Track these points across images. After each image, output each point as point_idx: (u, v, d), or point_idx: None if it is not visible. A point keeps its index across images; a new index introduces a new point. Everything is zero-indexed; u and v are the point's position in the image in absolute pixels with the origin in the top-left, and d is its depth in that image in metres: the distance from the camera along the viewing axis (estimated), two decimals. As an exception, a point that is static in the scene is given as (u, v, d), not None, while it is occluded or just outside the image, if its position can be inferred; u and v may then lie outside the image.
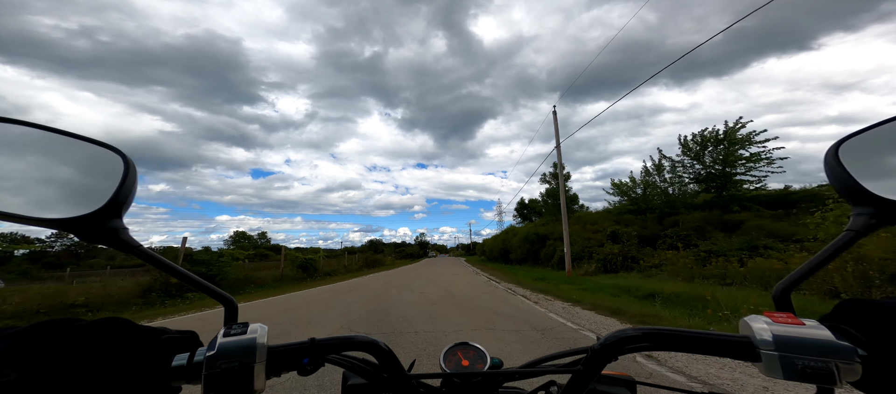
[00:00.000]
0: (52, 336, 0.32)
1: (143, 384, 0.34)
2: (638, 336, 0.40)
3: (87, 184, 0.41)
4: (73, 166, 0.41)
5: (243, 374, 0.35)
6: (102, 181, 0.40)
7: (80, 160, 0.42)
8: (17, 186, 0.38)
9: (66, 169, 0.41)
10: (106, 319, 0.36)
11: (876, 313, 0.35)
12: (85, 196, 0.39)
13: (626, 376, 0.57)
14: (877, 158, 0.42)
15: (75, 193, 0.40)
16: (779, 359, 0.35)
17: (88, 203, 0.38)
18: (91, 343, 0.33)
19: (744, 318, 0.39)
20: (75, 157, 0.42)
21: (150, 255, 0.43)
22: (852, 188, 0.41)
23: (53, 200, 0.38)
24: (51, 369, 0.29)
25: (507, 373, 0.50)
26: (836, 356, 0.33)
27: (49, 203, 0.38)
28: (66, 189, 0.40)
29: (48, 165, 0.40)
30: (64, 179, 0.41)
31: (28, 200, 0.37)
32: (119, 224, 0.40)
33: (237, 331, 0.39)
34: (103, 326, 0.35)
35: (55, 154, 0.41)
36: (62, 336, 0.32)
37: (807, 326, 0.36)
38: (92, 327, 0.34)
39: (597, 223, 22.28)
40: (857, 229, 0.40)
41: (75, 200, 0.39)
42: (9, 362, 0.28)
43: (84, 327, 0.34)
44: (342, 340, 0.42)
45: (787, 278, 0.41)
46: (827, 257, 0.40)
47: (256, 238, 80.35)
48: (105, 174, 0.41)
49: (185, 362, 0.37)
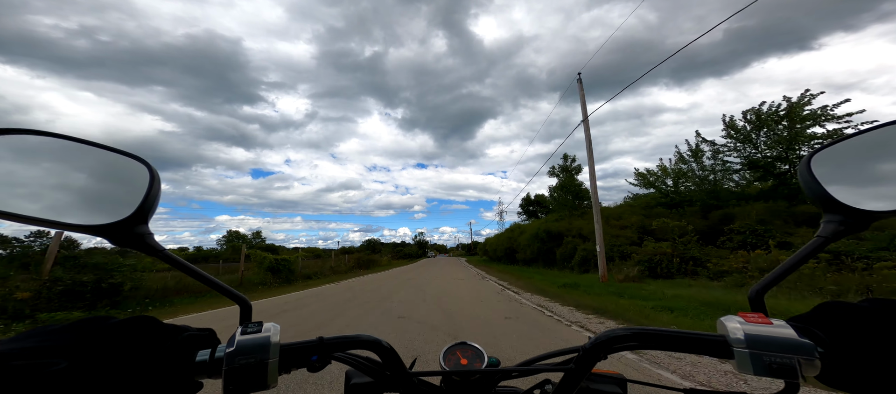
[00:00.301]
0: (92, 331, 0.35)
1: (171, 377, 0.37)
2: (627, 336, 0.42)
3: (117, 192, 0.45)
4: (104, 176, 0.45)
5: (259, 369, 0.38)
6: (130, 190, 0.44)
7: (109, 170, 0.45)
8: (54, 194, 0.41)
9: (96, 178, 0.44)
10: (136, 317, 0.39)
11: (840, 314, 0.38)
12: (115, 204, 0.42)
13: (617, 374, 0.57)
14: (846, 169, 0.46)
15: (107, 201, 0.43)
16: (749, 356, 0.37)
17: (119, 211, 0.41)
18: (125, 338, 0.36)
19: (720, 318, 0.42)
20: (104, 166, 0.45)
21: (174, 258, 0.45)
22: (822, 197, 0.44)
23: (86, 207, 0.42)
24: (93, 360, 0.33)
25: (503, 371, 0.52)
26: (798, 353, 0.36)
27: (82, 210, 0.41)
28: (99, 198, 0.44)
29: (81, 174, 0.43)
30: (97, 188, 0.44)
31: (64, 206, 0.40)
32: (146, 230, 0.44)
33: (253, 330, 0.41)
34: (134, 323, 0.38)
35: (88, 164, 0.44)
36: (101, 331, 0.35)
37: (774, 325, 0.39)
38: (124, 324, 0.38)
39: (622, 218, 18.83)
40: (827, 236, 0.43)
41: (108, 207, 0.42)
42: (58, 352, 0.31)
43: (118, 323, 0.37)
44: (348, 338, 0.45)
45: (762, 281, 0.44)
46: (798, 262, 0.43)
47: (251, 237, 77.15)
48: (132, 183, 0.45)
49: (207, 357, 0.40)
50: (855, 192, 0.43)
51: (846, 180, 0.45)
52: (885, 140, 0.44)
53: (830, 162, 0.46)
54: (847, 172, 0.46)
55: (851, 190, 0.44)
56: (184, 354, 0.39)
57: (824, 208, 0.44)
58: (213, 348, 0.41)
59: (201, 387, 0.41)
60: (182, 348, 0.39)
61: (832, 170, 0.46)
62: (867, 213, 0.41)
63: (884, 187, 0.43)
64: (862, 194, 0.43)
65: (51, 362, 0.30)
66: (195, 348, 0.40)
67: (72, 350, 0.32)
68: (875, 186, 0.44)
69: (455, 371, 0.52)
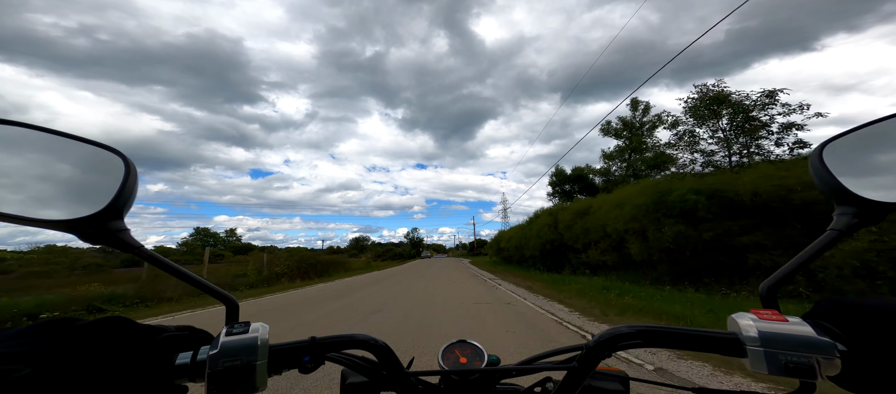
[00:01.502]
0: (58, 335, 0.33)
1: (148, 382, 0.35)
2: (631, 333, 0.40)
3: (88, 185, 0.41)
4: (74, 168, 0.41)
5: (246, 372, 0.36)
6: (103, 183, 0.40)
7: (80, 162, 0.42)
8: (18, 187, 0.38)
9: (67, 171, 0.41)
10: (106, 318, 0.37)
11: (854, 311, 0.37)
12: (86, 198, 0.39)
13: (620, 372, 0.55)
14: (859, 159, 0.43)
15: (76, 194, 0.40)
16: (764, 354, 0.35)
17: (90, 205, 0.38)
18: (94, 341, 0.34)
19: (731, 315, 0.40)
20: (76, 158, 0.41)
21: (151, 255, 0.43)
22: (835, 188, 0.42)
23: (55, 201, 0.38)
24: (59, 365, 0.30)
25: (504, 370, 0.50)
26: (817, 351, 0.34)
27: (50, 205, 0.38)
28: (68, 191, 0.40)
29: (49, 167, 0.40)
30: (65, 180, 0.41)
31: (29, 201, 0.37)
32: (120, 225, 0.40)
33: (239, 330, 0.39)
34: (104, 325, 0.36)
35: (56, 156, 0.40)
36: (67, 334, 0.33)
37: (790, 322, 0.37)
38: (93, 325, 0.35)
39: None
40: (841, 229, 0.41)
41: (77, 201, 0.39)
42: (21, 359, 0.29)
43: (86, 325, 0.35)
44: (342, 338, 0.43)
45: (773, 277, 0.42)
46: (811, 256, 0.41)
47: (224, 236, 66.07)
48: (106, 176, 0.41)
49: (188, 360, 0.37)
50: (869, 182, 0.41)
51: (860, 171, 0.43)
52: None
53: (843, 152, 0.44)
54: (861, 161, 0.44)
55: (865, 181, 0.42)
56: (162, 356, 0.37)
57: (837, 200, 0.42)
58: (196, 349, 0.38)
59: (185, 391, 0.38)
60: (159, 350, 0.37)
61: (845, 160, 0.43)
62: (883, 205, 0.39)
63: None
64: (877, 185, 0.41)
65: (12, 368, 0.28)
66: (175, 349, 0.38)
67: (36, 356, 0.30)
68: (891, 177, 0.42)
69: (454, 370, 0.50)
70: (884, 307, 0.35)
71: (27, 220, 0.36)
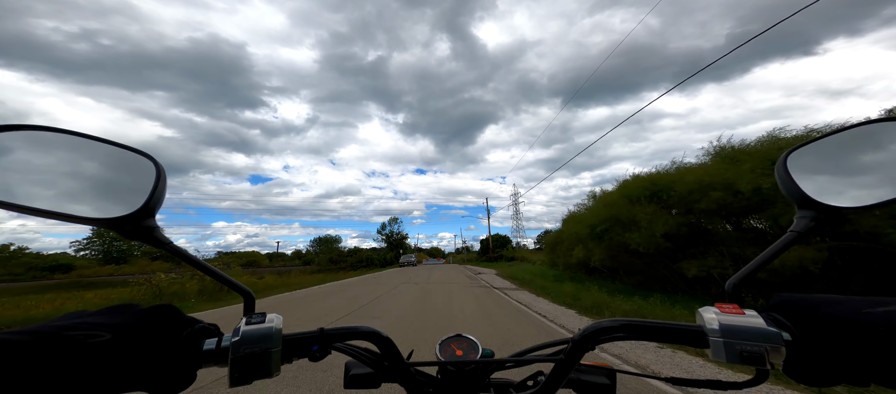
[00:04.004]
0: (127, 315, 0.39)
1: (182, 361, 0.40)
2: (614, 327, 0.44)
3: (125, 187, 0.45)
4: (113, 171, 0.46)
5: (264, 358, 0.40)
6: (138, 185, 0.45)
7: (119, 166, 0.46)
8: (66, 188, 0.42)
9: (107, 174, 0.45)
10: (160, 305, 0.42)
11: (801, 305, 0.40)
12: (124, 198, 0.43)
13: (607, 366, 0.58)
14: (820, 167, 0.47)
15: (115, 195, 0.44)
16: (723, 344, 0.39)
17: (127, 205, 0.43)
18: (151, 322, 0.39)
19: (699, 309, 0.43)
20: (114, 163, 0.46)
21: (180, 251, 0.47)
22: (796, 194, 0.45)
23: (98, 202, 0.43)
24: (129, 336, 0.36)
25: (497, 362, 0.53)
26: (766, 341, 0.38)
27: (94, 205, 0.42)
28: (108, 192, 0.45)
29: (93, 171, 0.44)
30: (106, 183, 0.45)
31: (76, 201, 0.41)
32: (153, 223, 0.45)
33: (257, 320, 0.43)
34: (158, 310, 0.41)
35: (97, 160, 0.45)
36: (133, 314, 0.39)
37: (746, 315, 0.40)
38: (151, 310, 0.41)
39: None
40: (799, 231, 0.45)
41: (117, 201, 0.43)
42: (102, 328, 0.36)
43: (145, 310, 0.41)
44: (347, 330, 0.47)
45: (738, 274, 0.46)
46: (771, 256, 0.45)
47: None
48: (140, 178, 0.45)
49: (213, 346, 0.42)
50: (828, 189, 0.45)
51: (820, 178, 0.46)
52: (858, 139, 0.45)
53: (806, 160, 0.48)
54: (821, 169, 0.47)
55: (824, 187, 0.45)
56: (193, 342, 0.41)
57: (798, 204, 0.46)
58: (220, 337, 0.43)
59: (197, 372, 0.42)
60: (193, 336, 0.42)
61: (807, 167, 0.47)
62: (838, 209, 0.43)
63: (856, 185, 0.45)
64: (834, 192, 0.45)
65: (97, 333, 0.35)
66: (204, 337, 0.43)
67: (113, 327, 0.36)
68: (847, 184, 0.46)
69: (450, 362, 0.53)
70: (825, 302, 0.40)
71: (73, 218, 0.40)
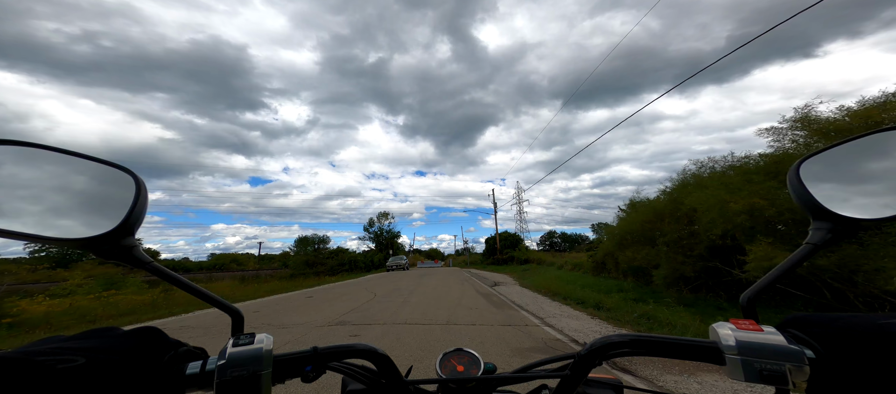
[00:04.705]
0: (103, 338, 0.37)
1: (163, 387, 0.37)
2: (622, 342, 0.42)
3: (101, 204, 0.43)
4: (87, 187, 0.43)
5: (252, 382, 0.37)
6: (115, 201, 0.42)
7: (94, 181, 0.43)
8: (34, 207, 0.39)
9: (81, 190, 0.43)
10: (142, 328, 0.40)
11: (822, 324, 0.39)
12: (100, 216, 0.41)
13: (614, 380, 0.56)
14: (834, 176, 0.46)
15: (91, 213, 0.42)
16: (740, 362, 0.37)
17: (104, 223, 0.40)
18: (131, 346, 0.37)
19: (712, 325, 0.41)
20: (89, 177, 0.43)
21: (162, 270, 0.44)
22: (811, 204, 0.44)
23: (69, 220, 0.40)
24: (104, 361, 0.34)
25: (500, 378, 0.51)
26: (788, 359, 0.36)
27: (66, 223, 0.40)
28: (82, 210, 0.42)
29: (63, 186, 0.42)
30: (79, 199, 0.43)
31: (45, 220, 0.39)
32: (133, 242, 0.43)
33: (245, 341, 0.40)
34: (139, 333, 0.39)
35: (69, 175, 0.42)
36: (111, 338, 0.37)
37: (765, 332, 0.39)
38: (131, 334, 0.38)
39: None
40: (816, 243, 0.43)
41: (91, 220, 0.41)
42: (76, 352, 0.33)
43: (125, 333, 0.38)
44: (343, 348, 0.44)
45: (752, 288, 0.44)
46: (788, 269, 0.43)
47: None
48: (118, 194, 0.43)
49: (198, 370, 0.39)
50: (843, 199, 0.43)
51: (835, 187, 0.45)
52: (874, 146, 0.44)
53: (819, 168, 0.46)
54: (836, 178, 0.45)
55: (840, 197, 0.43)
56: (175, 366, 0.39)
57: (813, 215, 0.44)
58: (205, 360, 0.40)
59: None
60: (176, 360, 0.39)
61: (821, 176, 0.45)
62: (855, 221, 0.41)
63: (872, 194, 0.43)
64: (850, 201, 0.43)
65: (69, 358, 0.32)
66: (187, 361, 0.40)
67: (87, 351, 0.34)
68: (864, 193, 0.44)
69: (451, 379, 0.51)
70: (851, 321, 0.37)
71: (43, 239, 0.38)
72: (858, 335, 0.35)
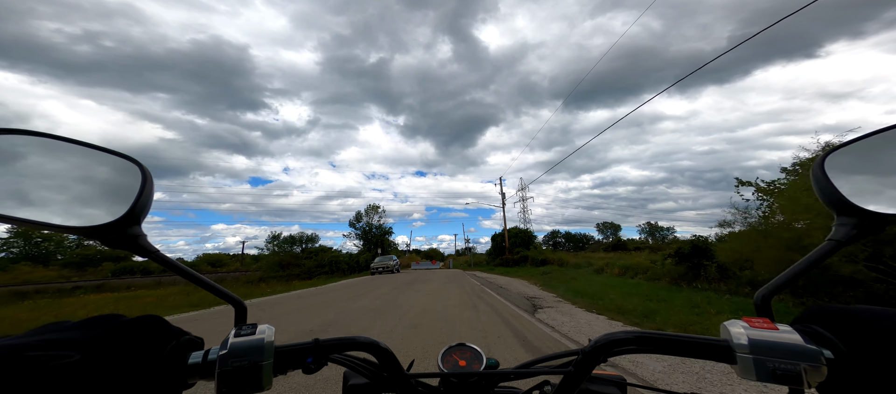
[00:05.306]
0: (104, 329, 0.36)
1: (165, 378, 0.37)
2: (627, 339, 0.41)
3: (108, 193, 0.43)
4: (95, 177, 0.43)
5: (253, 372, 0.37)
6: (122, 190, 0.43)
7: (101, 171, 0.44)
8: (43, 195, 0.39)
9: (89, 179, 0.43)
10: (145, 317, 0.39)
11: (843, 319, 0.36)
12: (107, 205, 0.41)
13: (618, 377, 0.56)
14: (860, 170, 0.44)
15: (98, 202, 0.42)
16: (752, 361, 0.36)
17: (111, 212, 0.41)
18: (132, 337, 0.36)
19: (723, 322, 0.40)
20: (97, 167, 0.44)
21: (166, 260, 0.45)
22: (836, 199, 0.42)
23: (77, 208, 0.41)
24: (103, 354, 0.33)
25: (502, 373, 0.50)
26: (804, 359, 0.35)
27: (73, 211, 0.40)
28: (90, 199, 0.42)
29: (72, 175, 0.42)
30: (87, 189, 0.43)
31: (54, 208, 0.39)
32: (138, 231, 0.43)
33: (247, 332, 0.40)
34: (142, 322, 0.38)
35: (78, 164, 0.42)
36: (112, 328, 0.36)
37: (780, 330, 0.37)
38: (134, 322, 0.38)
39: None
40: (839, 239, 0.42)
41: (98, 208, 0.41)
42: (72, 345, 0.32)
43: (128, 322, 0.38)
44: (344, 340, 0.44)
45: (768, 285, 0.42)
46: (809, 265, 0.42)
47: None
48: (124, 184, 0.43)
49: (200, 359, 0.39)
50: (869, 193, 0.42)
51: (860, 182, 0.43)
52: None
53: (844, 162, 0.45)
54: (861, 173, 0.44)
55: (865, 192, 0.42)
56: (179, 356, 0.39)
57: (837, 211, 0.43)
58: (207, 350, 0.40)
59: (189, 387, 0.40)
60: (179, 350, 0.39)
61: (846, 171, 0.44)
62: (882, 216, 0.40)
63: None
64: (877, 196, 0.41)
65: (64, 354, 0.31)
66: (190, 350, 0.40)
67: (84, 345, 0.33)
68: (891, 188, 0.42)
69: (453, 373, 0.51)
70: (874, 316, 0.35)
71: (52, 226, 0.38)
72: (885, 333, 0.33)
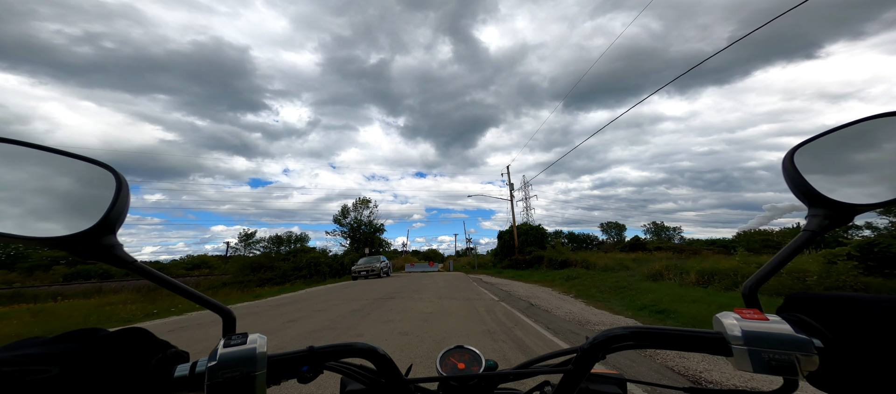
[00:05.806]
0: (83, 342, 0.34)
1: (150, 390, 0.35)
2: (624, 335, 0.41)
3: (80, 202, 0.41)
4: (65, 185, 0.41)
5: (246, 383, 0.36)
6: (95, 199, 0.40)
7: (72, 178, 0.42)
8: (9, 205, 0.37)
9: (58, 187, 0.41)
10: (128, 329, 0.38)
11: (828, 307, 0.37)
12: (78, 214, 0.39)
13: (618, 375, 0.56)
14: (829, 163, 0.45)
15: (68, 211, 0.40)
16: (748, 353, 0.36)
17: (82, 221, 0.38)
18: (114, 351, 0.35)
19: (716, 315, 0.41)
20: (67, 175, 0.41)
21: (146, 269, 0.43)
22: (807, 191, 0.44)
23: (47, 219, 0.38)
24: (83, 369, 0.32)
25: (502, 374, 0.50)
26: (796, 349, 0.35)
27: (43, 222, 0.38)
28: (60, 207, 0.40)
29: (41, 184, 0.40)
30: (56, 197, 0.41)
31: (21, 219, 0.37)
32: (113, 241, 0.41)
33: (237, 341, 0.39)
34: (125, 335, 0.37)
35: (47, 173, 0.40)
36: (92, 342, 0.34)
37: (770, 321, 0.38)
38: (115, 335, 0.36)
39: None
40: (813, 229, 0.43)
41: (69, 218, 0.39)
42: (51, 360, 0.31)
43: (109, 335, 0.36)
44: (340, 347, 0.43)
45: (754, 277, 0.43)
46: (787, 256, 0.43)
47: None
48: (97, 192, 0.41)
49: (187, 372, 0.37)
50: (838, 185, 0.43)
51: (829, 174, 0.45)
52: (867, 133, 0.44)
53: (814, 155, 0.46)
54: (830, 165, 0.45)
55: (835, 183, 0.44)
56: (163, 369, 0.37)
57: (809, 202, 0.44)
58: (195, 362, 0.39)
59: None
60: (164, 363, 0.38)
61: (815, 163, 0.45)
62: (851, 206, 0.41)
63: (867, 180, 0.43)
64: (845, 188, 0.43)
65: (41, 368, 0.30)
66: (176, 363, 0.39)
67: (63, 358, 0.32)
68: (858, 179, 0.44)
69: (452, 376, 0.50)
70: (858, 303, 0.35)
71: (19, 238, 0.36)
72: (871, 319, 0.33)
